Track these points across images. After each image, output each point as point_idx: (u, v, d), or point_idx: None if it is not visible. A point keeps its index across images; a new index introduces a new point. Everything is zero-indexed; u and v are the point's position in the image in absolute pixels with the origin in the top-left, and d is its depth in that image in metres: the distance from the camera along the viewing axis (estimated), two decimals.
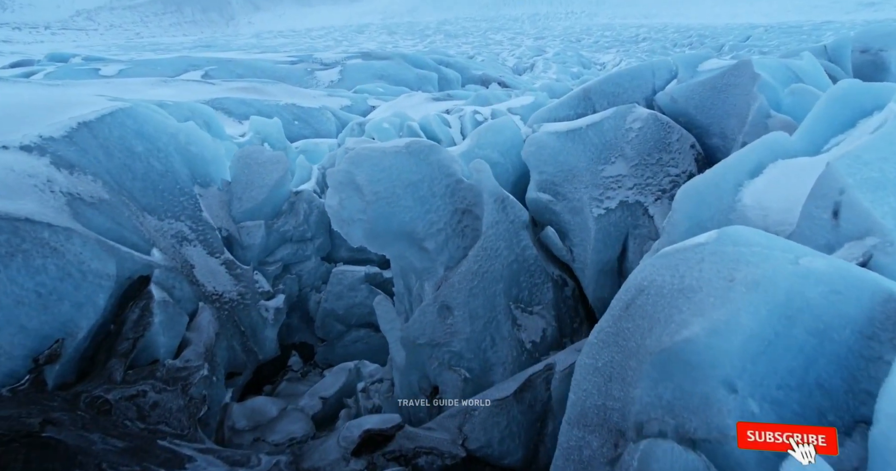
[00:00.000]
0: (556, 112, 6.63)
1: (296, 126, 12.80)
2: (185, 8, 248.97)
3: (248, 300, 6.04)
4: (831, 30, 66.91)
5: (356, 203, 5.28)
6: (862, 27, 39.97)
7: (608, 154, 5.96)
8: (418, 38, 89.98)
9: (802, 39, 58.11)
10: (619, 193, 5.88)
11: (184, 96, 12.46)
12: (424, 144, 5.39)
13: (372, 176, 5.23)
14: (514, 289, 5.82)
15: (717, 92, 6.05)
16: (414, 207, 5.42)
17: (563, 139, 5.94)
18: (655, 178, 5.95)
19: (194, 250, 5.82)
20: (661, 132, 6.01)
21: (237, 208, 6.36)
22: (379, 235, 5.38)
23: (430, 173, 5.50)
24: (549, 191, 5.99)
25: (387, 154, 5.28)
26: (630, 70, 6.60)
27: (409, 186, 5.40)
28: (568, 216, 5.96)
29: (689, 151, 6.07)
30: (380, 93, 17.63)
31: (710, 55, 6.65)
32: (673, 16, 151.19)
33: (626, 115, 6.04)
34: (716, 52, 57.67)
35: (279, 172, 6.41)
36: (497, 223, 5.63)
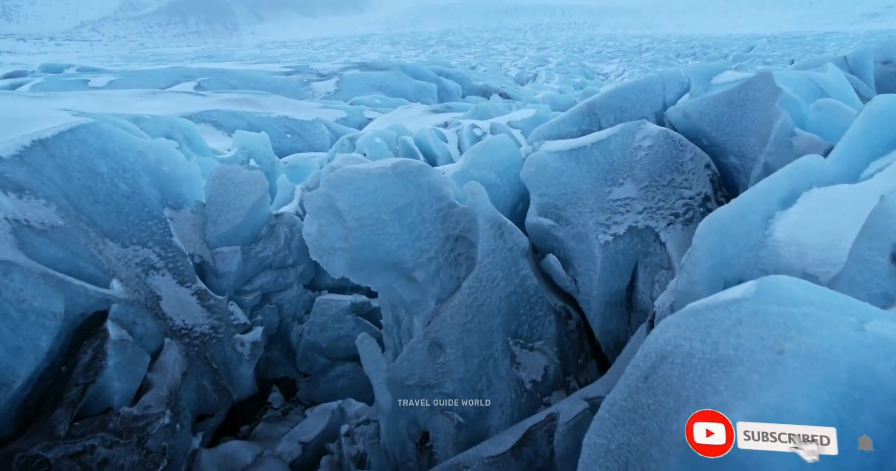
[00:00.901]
0: (559, 128, 6.13)
1: (288, 139, 12.34)
2: (190, 19, 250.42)
3: (222, 334, 5.52)
4: (835, 40, 66.92)
5: (337, 230, 4.78)
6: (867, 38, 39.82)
7: (615, 175, 5.46)
8: (421, 48, 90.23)
9: (806, 50, 57.92)
10: (628, 218, 5.38)
11: (172, 108, 12.04)
12: (413, 164, 4.89)
13: (354, 200, 4.74)
14: (513, 323, 5.31)
15: (734, 107, 5.56)
16: (401, 234, 4.93)
17: (566, 159, 5.44)
18: (667, 201, 5.45)
19: (162, 280, 5.32)
20: (674, 151, 5.53)
21: (212, 232, 5.85)
22: (363, 265, 4.88)
23: (420, 197, 5.00)
24: (550, 215, 5.49)
25: (371, 176, 4.79)
26: (638, 83, 6.11)
27: (396, 211, 4.90)
28: (571, 243, 5.46)
29: (704, 172, 5.58)
30: (377, 105, 17.18)
31: (724, 67, 6.15)
32: (675, 26, 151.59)
33: (634, 132, 5.55)
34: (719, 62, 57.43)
35: (257, 192, 5.90)
36: (494, 251, 5.13)
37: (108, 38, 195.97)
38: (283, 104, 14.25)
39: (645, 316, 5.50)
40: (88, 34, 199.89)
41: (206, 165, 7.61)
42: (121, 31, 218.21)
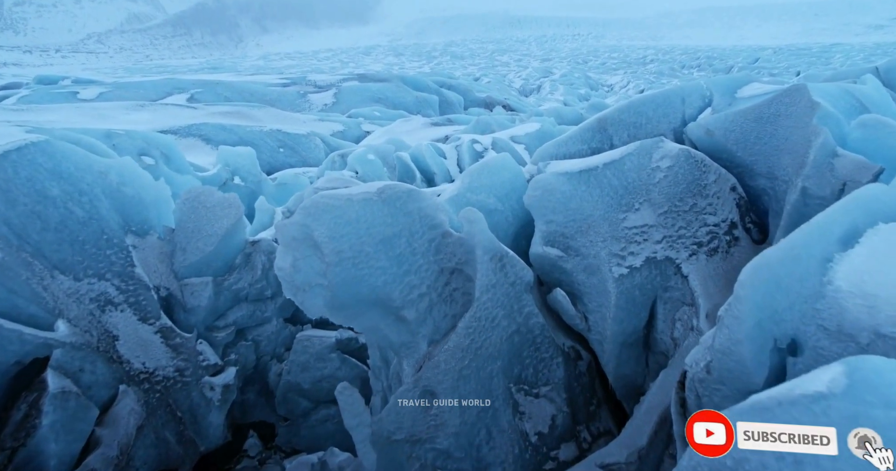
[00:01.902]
0: (567, 146, 5.54)
1: (281, 154, 11.79)
2: (195, 31, 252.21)
3: (189, 377, 4.91)
4: (841, 52, 66.56)
5: (314, 265, 4.20)
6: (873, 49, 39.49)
7: (631, 199, 4.87)
8: (424, 59, 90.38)
9: (812, 62, 57.46)
10: (645, 248, 4.78)
11: (159, 121, 11.53)
12: (401, 189, 4.31)
13: (334, 231, 4.16)
14: (516, 367, 4.71)
15: (763, 123, 4.97)
16: (389, 267, 4.35)
17: (576, 181, 4.86)
18: (689, 228, 4.86)
19: (120, 317, 4.73)
20: (696, 172, 4.94)
21: (180, 262, 5.25)
22: (344, 304, 4.29)
23: (410, 225, 4.42)
24: (558, 245, 4.89)
25: (353, 203, 4.21)
26: (655, 96, 5.53)
27: (382, 241, 4.32)
28: (582, 276, 4.86)
29: (730, 195, 4.99)
30: (376, 117, 16.63)
31: (750, 79, 5.56)
32: (680, 38, 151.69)
33: (651, 151, 4.97)
34: (725, 74, 57.01)
35: (231, 217, 5.31)
36: (494, 286, 4.54)
37: (113, 51, 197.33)
38: (277, 117, 13.70)
39: (665, 358, 4.89)
40: (94, 46, 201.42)
41: (185, 185, 7.04)
42: (126, 43, 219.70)
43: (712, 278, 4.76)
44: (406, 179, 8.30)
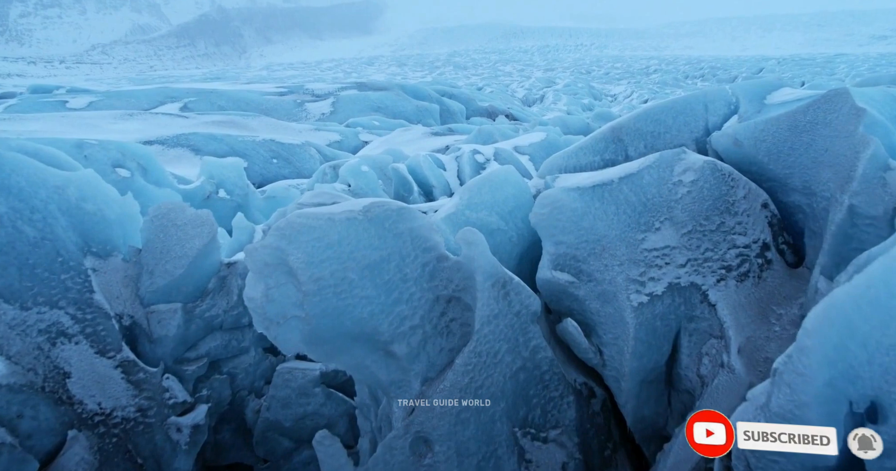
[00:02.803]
0: (577, 158, 5.01)
1: (274, 165, 11.28)
2: (199, 42, 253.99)
3: (152, 417, 4.33)
4: (845, 62, 66.28)
5: (289, 294, 3.66)
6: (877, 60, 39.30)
7: (650, 218, 4.34)
8: (427, 69, 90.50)
9: (816, 72, 57.04)
10: (668, 273, 4.24)
11: (147, 131, 11.07)
12: (390, 207, 3.78)
13: (312, 255, 3.63)
14: (522, 408, 4.17)
15: (798, 132, 4.44)
16: (376, 296, 3.81)
17: (588, 197, 4.32)
18: (717, 250, 4.32)
19: (74, 350, 4.18)
20: (723, 187, 4.42)
21: (147, 286, 4.69)
22: (325, 338, 3.75)
23: (400, 248, 3.90)
24: (568, 269, 4.35)
25: (335, 223, 3.68)
26: (675, 103, 5.00)
27: (368, 267, 3.79)
28: (595, 304, 4.31)
29: (761, 213, 4.46)
30: (374, 127, 16.12)
31: (781, 83, 5.02)
32: (683, 48, 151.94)
33: (673, 163, 4.45)
34: (728, 84, 56.57)
35: (204, 236, 4.76)
36: (496, 317, 4.01)
37: (117, 61, 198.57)
38: (271, 126, 13.19)
39: (690, 398, 4.32)
40: (99, 57, 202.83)
41: (163, 199, 6.52)
42: (131, 54, 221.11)
43: (743, 307, 4.22)
44: (403, 191, 7.78)
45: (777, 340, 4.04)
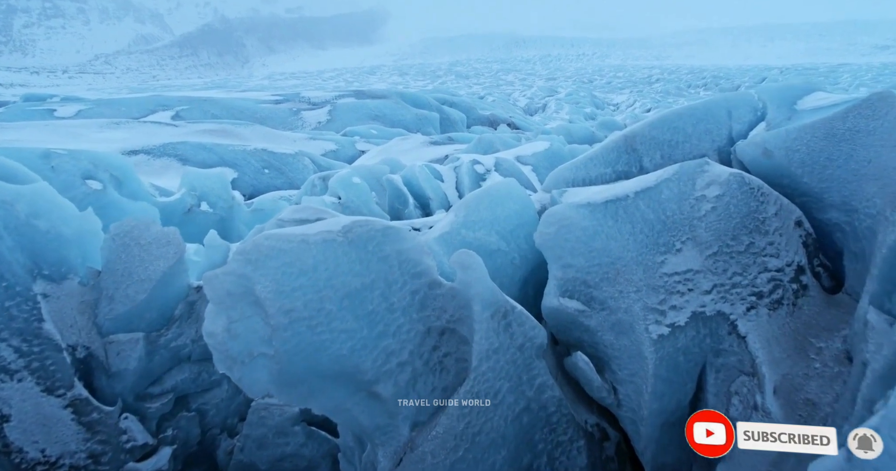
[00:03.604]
0: (587, 170, 4.52)
1: (266, 175, 10.81)
2: (201, 51, 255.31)
3: (106, 465, 3.80)
4: (849, 72, 66.05)
5: (256, 328, 3.17)
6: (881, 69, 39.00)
7: (670, 238, 3.85)
8: (429, 78, 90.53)
9: (819, 81, 56.61)
10: (691, 300, 3.74)
11: (134, 140, 10.62)
12: (373, 227, 3.29)
13: (283, 283, 3.14)
14: (526, 456, 3.67)
15: (836, 141, 3.96)
16: (358, 329, 3.32)
17: (600, 214, 3.84)
18: (746, 274, 3.83)
19: (16, 389, 3.68)
20: (752, 203, 3.93)
21: (106, 313, 4.18)
22: (298, 379, 3.26)
23: (386, 274, 3.41)
24: (578, 296, 3.86)
25: (309, 246, 3.19)
26: (694, 109, 4.52)
27: (349, 296, 3.30)
28: (609, 336, 3.81)
29: (795, 232, 3.97)
30: (372, 136, 15.66)
31: (813, 87, 4.54)
32: (685, 58, 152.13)
33: (695, 176, 3.97)
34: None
35: (170, 257, 4.25)
36: (496, 351, 3.53)
37: (120, 71, 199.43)
38: (264, 135, 12.74)
39: None
40: (101, 67, 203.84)
41: (138, 213, 6.04)
42: (133, 63, 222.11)
43: (777, 340, 3.72)
44: (398, 204, 7.29)
45: (818, 378, 3.54)
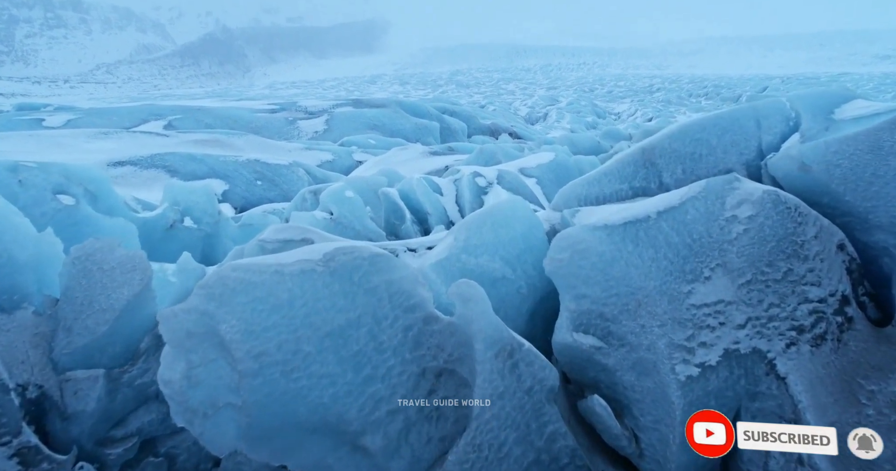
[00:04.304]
0: (600, 186, 4.08)
1: (258, 187, 10.38)
2: (203, 61, 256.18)
3: None
4: (850, 81, 65.78)
5: (221, 375, 2.73)
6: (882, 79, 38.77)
7: (698, 264, 3.40)
8: (430, 87, 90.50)
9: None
10: (723, 336, 3.29)
11: (122, 151, 10.21)
12: (359, 254, 2.85)
13: (253, 321, 2.69)
14: None
15: (883, 155, 3.53)
16: (341, 374, 2.88)
17: (619, 238, 3.39)
18: (784, 306, 3.38)
19: None
20: (789, 224, 3.49)
21: (63, 347, 3.72)
22: (270, 432, 2.81)
23: (374, 309, 2.96)
24: (594, 330, 3.41)
25: (284, 278, 2.75)
26: (719, 118, 4.08)
27: (330, 335, 2.86)
28: (630, 376, 3.36)
29: (837, 257, 3.53)
30: (370, 146, 15.24)
31: (851, 94, 4.10)
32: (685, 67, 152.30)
33: (724, 194, 3.53)
34: (733, 102, 55.92)
35: (135, 284, 3.80)
36: (501, 396, 3.08)
37: (122, 80, 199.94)
38: (258, 145, 12.35)
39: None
40: (103, 77, 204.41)
41: (114, 230, 5.61)
42: (135, 73, 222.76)
43: (823, 382, 3.26)
44: (394, 219, 6.85)
45: (872, 427, 3.07)
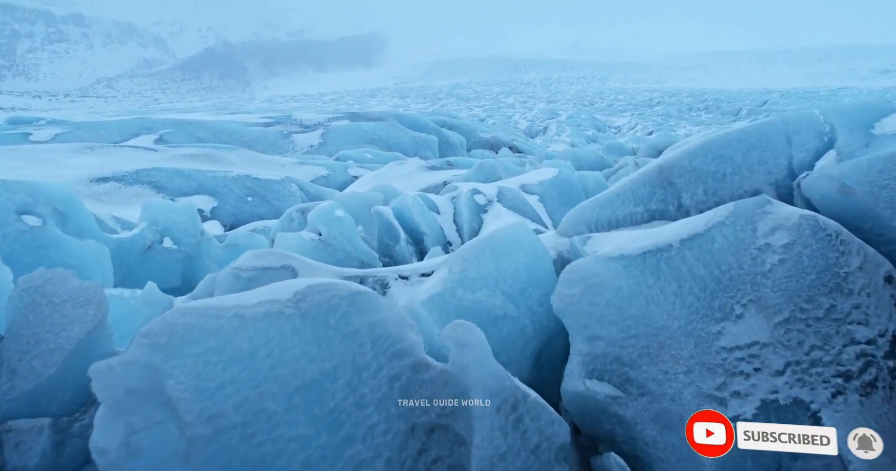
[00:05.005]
0: (612, 208, 3.66)
1: (249, 204, 9.97)
2: (203, 75, 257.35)
3: None
4: (849, 96, 65.71)
5: (167, 441, 2.30)
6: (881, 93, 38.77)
7: (728, 300, 2.98)
8: (430, 101, 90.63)
9: (821, 105, 56.09)
10: (759, 384, 2.87)
11: (107, 166, 9.84)
12: (337, 293, 2.43)
13: (206, 377, 2.27)
14: None
15: None
16: (315, 435, 2.46)
17: (637, 270, 2.97)
18: (828, 348, 2.96)
19: None
20: (830, 253, 3.07)
21: (5, 392, 3.26)
22: None
23: (354, 356, 2.55)
24: (610, 377, 2.98)
25: (245, 323, 2.33)
26: (744, 133, 3.67)
27: (301, 390, 2.44)
28: (652, 431, 2.92)
29: (885, 290, 3.12)
30: (367, 160, 14.85)
31: (891, 106, 3.68)
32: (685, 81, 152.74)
33: (755, 219, 3.12)
34: (733, 116, 55.70)
35: (88, 320, 3.35)
36: (503, 457, 2.66)
37: (122, 94, 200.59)
38: (250, 160, 11.97)
39: None
40: (104, 90, 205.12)
41: (83, 253, 5.19)
42: (136, 87, 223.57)
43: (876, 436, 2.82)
44: (387, 240, 6.43)
45: None
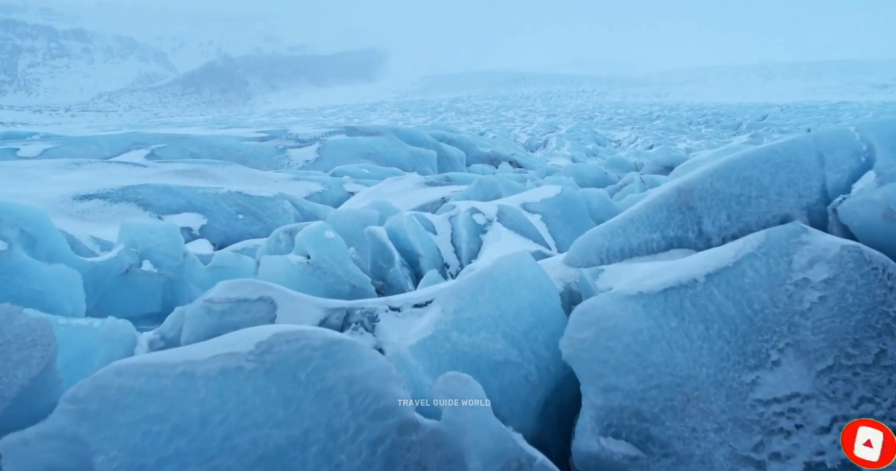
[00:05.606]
0: (626, 235, 3.29)
1: (240, 221, 9.60)
2: (204, 89, 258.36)
3: None
4: (849, 110, 65.62)
5: None
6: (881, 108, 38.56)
7: (763, 344, 2.61)
8: (430, 115, 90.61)
9: (820, 119, 56.05)
10: (802, 444, 2.49)
11: (92, 183, 9.52)
12: (309, 343, 2.05)
13: (143, 451, 1.89)
14: None
15: None
16: None
17: (658, 310, 2.59)
18: (880, 401, 2.59)
19: None
20: (877, 290, 2.71)
21: None
22: None
23: (329, 417, 2.16)
24: (628, 434, 2.59)
25: (196, 383, 1.95)
26: (771, 153, 3.31)
27: (263, 461, 2.05)
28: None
29: None
30: (364, 175, 14.52)
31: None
32: (684, 95, 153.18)
33: (790, 250, 2.75)
34: (733, 130, 55.55)
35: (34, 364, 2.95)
36: None
37: (123, 109, 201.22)
38: (243, 176, 11.65)
39: None
40: (104, 105, 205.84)
41: (52, 279, 4.82)
42: (136, 101, 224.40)
43: None
44: (381, 262, 6.06)
45: None
